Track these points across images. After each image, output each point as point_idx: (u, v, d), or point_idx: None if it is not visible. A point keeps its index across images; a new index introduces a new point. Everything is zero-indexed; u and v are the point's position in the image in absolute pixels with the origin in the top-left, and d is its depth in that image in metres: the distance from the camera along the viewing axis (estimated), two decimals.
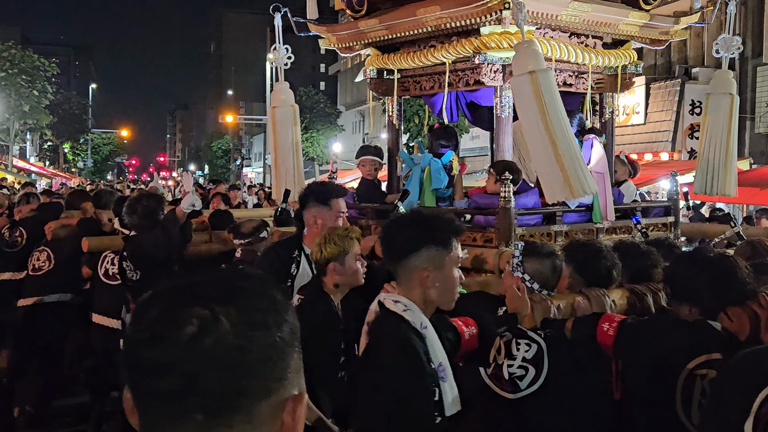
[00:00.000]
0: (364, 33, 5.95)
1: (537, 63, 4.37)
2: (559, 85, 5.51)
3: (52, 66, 40.07)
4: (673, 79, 23.49)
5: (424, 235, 2.68)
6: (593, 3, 5.35)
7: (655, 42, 6.03)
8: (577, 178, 4.31)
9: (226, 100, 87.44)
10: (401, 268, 2.72)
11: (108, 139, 68.96)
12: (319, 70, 71.68)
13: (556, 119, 4.32)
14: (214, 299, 1.13)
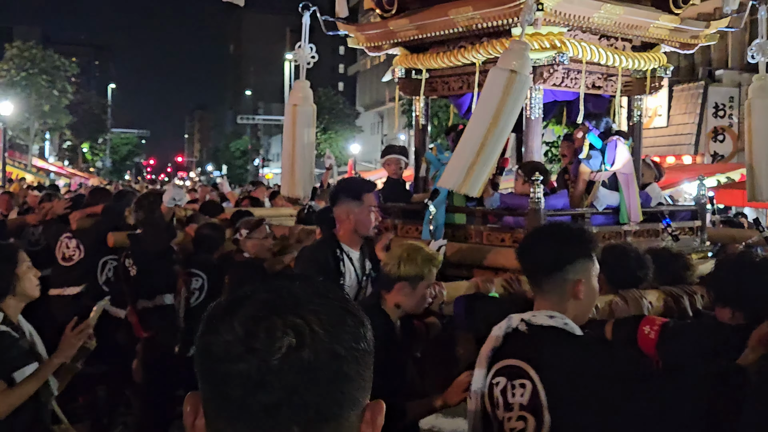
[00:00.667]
0: (393, 32, 5.94)
1: (522, 66, 4.40)
2: (588, 87, 5.56)
3: (73, 66, 40.35)
4: (696, 82, 23.20)
5: (579, 246, 2.62)
6: (624, 5, 5.36)
7: (684, 46, 6.01)
8: (473, 179, 4.39)
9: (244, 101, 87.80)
10: (551, 281, 2.57)
11: (127, 139, 69.40)
12: (338, 71, 71.69)
13: (503, 125, 4.36)
14: (302, 308, 1.09)
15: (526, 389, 2.40)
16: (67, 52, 50.55)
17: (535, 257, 2.65)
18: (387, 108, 49.02)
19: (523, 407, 2.40)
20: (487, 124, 4.34)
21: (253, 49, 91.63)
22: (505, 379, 2.46)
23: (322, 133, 45.06)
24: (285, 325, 1.06)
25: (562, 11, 5.01)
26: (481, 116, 4.42)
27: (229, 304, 1.12)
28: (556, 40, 5.15)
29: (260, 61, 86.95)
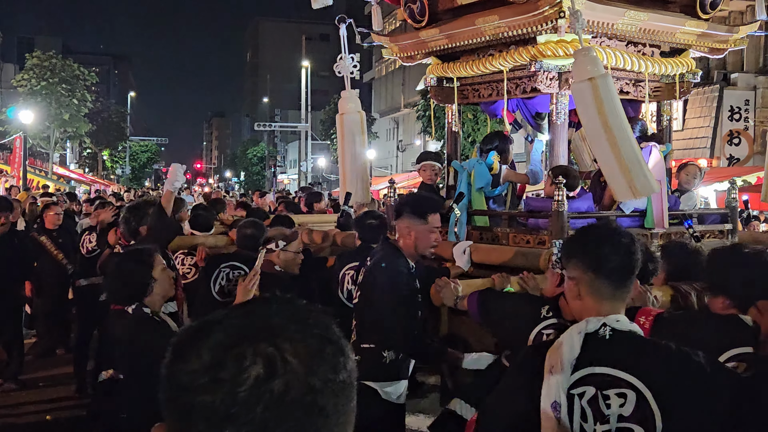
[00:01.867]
0: (425, 42, 6.07)
1: (596, 69, 4.44)
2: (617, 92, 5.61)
3: (92, 75, 40.69)
4: (711, 85, 23.15)
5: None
6: (649, 12, 5.41)
7: (714, 51, 6.05)
8: (639, 179, 4.39)
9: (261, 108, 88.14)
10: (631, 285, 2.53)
11: (146, 147, 69.85)
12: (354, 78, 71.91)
13: (617, 123, 4.39)
14: (276, 335, 1.01)
15: (627, 399, 2.25)
16: (87, 61, 51.02)
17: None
18: (402, 114, 49.13)
19: (625, 418, 2.25)
20: (605, 134, 4.38)
21: (270, 57, 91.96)
22: (594, 389, 2.29)
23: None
24: (255, 354, 0.98)
25: (587, 18, 5.03)
26: (595, 132, 4.47)
27: (198, 329, 1.05)
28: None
29: (277, 68, 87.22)
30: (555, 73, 5.40)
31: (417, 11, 6.00)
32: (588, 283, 2.43)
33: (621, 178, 4.45)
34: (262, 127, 55.28)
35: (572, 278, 2.48)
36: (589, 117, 4.51)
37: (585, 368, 2.29)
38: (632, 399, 2.24)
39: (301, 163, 48.23)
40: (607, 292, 2.42)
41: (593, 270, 2.42)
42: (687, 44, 5.83)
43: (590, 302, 2.42)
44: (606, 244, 2.47)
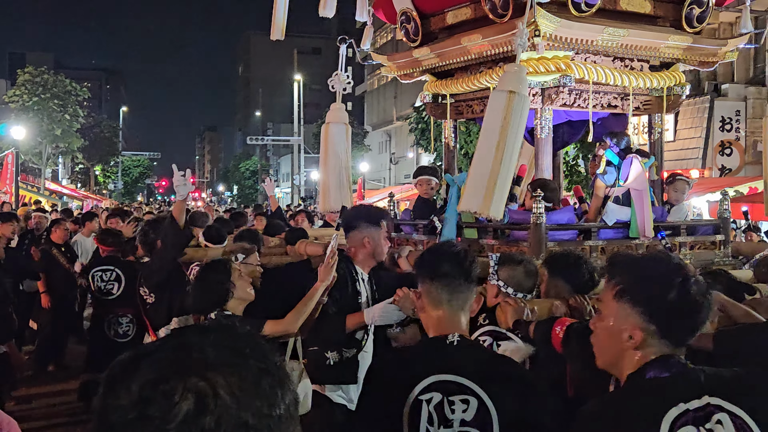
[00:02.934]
0: (419, 61, 6.28)
1: (518, 86, 4.55)
2: (604, 106, 5.78)
3: (84, 90, 40.70)
4: (702, 96, 23.28)
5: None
6: (631, 28, 5.47)
7: (703, 64, 6.11)
8: (494, 200, 4.49)
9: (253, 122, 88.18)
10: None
11: (138, 161, 69.81)
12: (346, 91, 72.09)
13: (511, 141, 4.49)
14: (210, 368, 0.97)
15: (470, 405, 2.42)
16: (79, 76, 50.95)
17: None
18: (395, 127, 49.26)
19: (467, 423, 2.39)
20: (495, 145, 4.48)
21: (262, 71, 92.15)
22: (440, 395, 2.46)
23: None
24: (185, 389, 0.94)
25: (563, 36, 5.18)
26: (488, 138, 4.56)
27: (130, 361, 1.00)
28: (561, 63, 5.35)
29: (269, 82, 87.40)
30: (537, 89, 5.52)
31: (411, 31, 6.20)
32: (426, 291, 2.61)
33: (480, 190, 4.51)
34: (255, 140, 55.34)
35: (419, 293, 2.66)
36: (490, 123, 4.58)
37: (434, 375, 2.42)
38: (474, 405, 2.36)
39: (294, 177, 48.25)
40: (443, 298, 2.60)
41: (429, 278, 2.61)
42: (674, 58, 5.89)
43: (430, 310, 2.60)
44: (439, 255, 2.69)
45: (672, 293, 2.06)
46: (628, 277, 2.13)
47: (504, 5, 5.14)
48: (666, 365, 2.13)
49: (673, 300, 2.06)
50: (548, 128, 5.63)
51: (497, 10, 5.22)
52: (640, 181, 5.46)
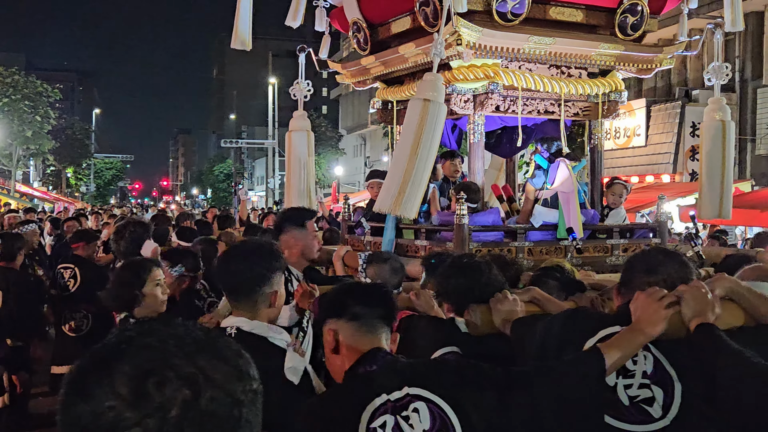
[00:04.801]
0: (367, 69, 6.53)
1: (434, 95, 4.70)
2: (540, 112, 5.95)
3: (55, 92, 40.29)
4: (673, 101, 23.55)
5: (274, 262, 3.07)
6: (558, 36, 5.61)
7: (641, 71, 6.21)
8: (405, 201, 4.65)
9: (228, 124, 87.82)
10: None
11: (111, 164, 69.22)
12: (321, 94, 72.00)
13: (425, 146, 4.64)
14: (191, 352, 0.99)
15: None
16: (51, 78, 50.50)
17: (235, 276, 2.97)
18: (369, 131, 49.28)
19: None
20: (410, 149, 4.64)
21: (237, 74, 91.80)
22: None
23: None
24: (176, 377, 0.95)
25: (488, 45, 5.34)
26: (405, 143, 4.73)
27: (97, 364, 0.98)
28: (489, 70, 5.51)
29: (243, 85, 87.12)
30: (469, 95, 5.71)
31: (362, 40, 6.40)
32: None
33: (394, 191, 4.69)
34: (229, 143, 55.03)
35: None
36: (407, 129, 4.75)
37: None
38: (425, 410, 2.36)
39: (269, 180, 48.07)
40: (232, 303, 2.97)
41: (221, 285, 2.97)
42: (609, 65, 5.99)
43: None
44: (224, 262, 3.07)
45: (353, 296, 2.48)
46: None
47: (434, 16, 5.28)
48: (374, 359, 2.37)
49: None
50: (480, 133, 5.82)
51: (429, 20, 5.38)
52: (567, 185, 5.67)
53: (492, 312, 3.07)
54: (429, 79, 4.79)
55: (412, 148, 4.63)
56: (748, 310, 2.72)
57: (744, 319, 2.70)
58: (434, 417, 2.27)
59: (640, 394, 2.55)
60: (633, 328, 2.53)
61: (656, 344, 2.57)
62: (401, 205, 4.66)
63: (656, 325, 2.51)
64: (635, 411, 2.56)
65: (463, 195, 5.32)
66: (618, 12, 5.82)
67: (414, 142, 4.64)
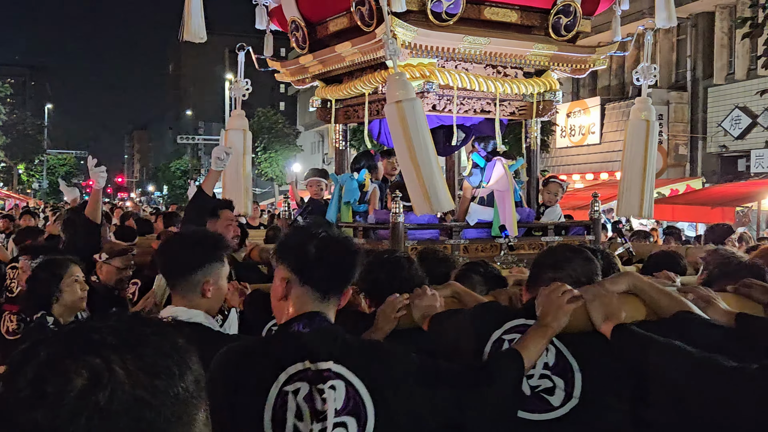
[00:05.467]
0: (305, 68, 6.55)
1: (404, 93, 4.76)
2: (476, 111, 6.04)
3: (6, 86, 39.62)
4: (626, 100, 23.92)
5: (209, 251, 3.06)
6: (493, 36, 5.69)
7: (575, 71, 6.33)
8: (434, 196, 4.75)
9: (184, 120, 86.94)
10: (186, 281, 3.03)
11: (64, 160, 68.05)
12: (279, 91, 71.60)
13: (420, 143, 4.71)
14: (107, 346, 0.98)
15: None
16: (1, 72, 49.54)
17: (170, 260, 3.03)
18: (327, 127, 49.04)
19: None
20: (408, 154, 4.73)
21: (193, 69, 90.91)
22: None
23: (262, 152, 44.91)
24: (80, 366, 0.94)
25: (424, 44, 5.41)
26: (401, 151, 4.82)
27: (30, 345, 1.01)
28: (425, 70, 5.56)
29: (200, 81, 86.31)
30: None
31: (300, 39, 6.41)
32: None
33: (420, 194, 4.77)
34: (185, 139, 54.60)
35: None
36: (396, 136, 4.82)
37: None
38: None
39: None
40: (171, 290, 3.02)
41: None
42: (543, 65, 6.10)
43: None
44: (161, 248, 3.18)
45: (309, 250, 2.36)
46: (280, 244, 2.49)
47: (370, 15, 5.32)
48: (312, 321, 2.35)
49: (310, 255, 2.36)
50: None
51: (365, 20, 5.41)
52: (502, 183, 5.79)
53: (411, 307, 3.10)
54: (393, 80, 4.85)
55: (410, 151, 4.70)
56: (649, 304, 2.81)
57: (645, 314, 2.79)
58: (348, 399, 2.25)
59: (541, 384, 2.66)
60: (539, 324, 2.64)
61: (559, 336, 2.67)
62: (432, 201, 4.75)
63: (559, 319, 2.62)
64: (536, 400, 2.65)
65: (398, 193, 5.39)
66: (552, 13, 5.89)
67: (408, 145, 4.70)
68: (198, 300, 2.91)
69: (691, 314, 2.71)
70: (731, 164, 23.30)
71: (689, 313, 2.71)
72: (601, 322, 2.64)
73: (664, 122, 24.73)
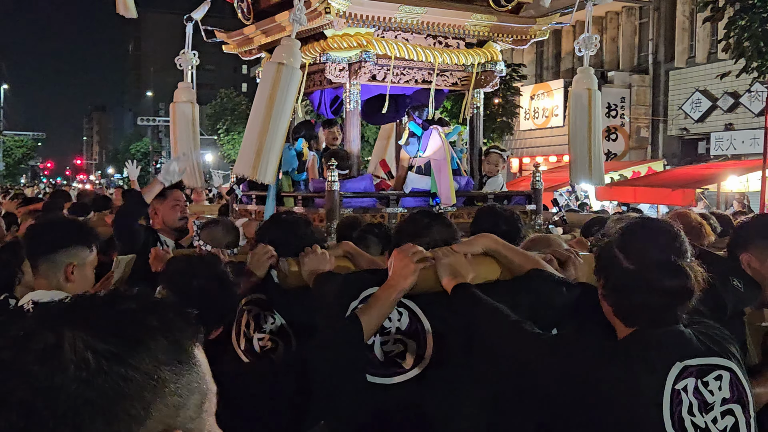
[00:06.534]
0: (250, 39, 6.54)
1: (288, 58, 4.82)
2: (417, 81, 6.09)
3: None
4: None
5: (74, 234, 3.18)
6: (429, 6, 5.78)
7: (517, 42, 6.41)
8: (262, 165, 4.79)
9: (144, 102, 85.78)
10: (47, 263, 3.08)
11: (21, 142, 66.80)
12: (241, 72, 70.96)
13: (277, 112, 4.77)
14: (69, 323, 0.96)
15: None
16: None
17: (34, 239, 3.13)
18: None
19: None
20: (264, 112, 4.75)
21: (153, 49, 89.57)
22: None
23: (224, 134, 44.49)
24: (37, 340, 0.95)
25: (359, 14, 5.47)
26: (259, 106, 4.82)
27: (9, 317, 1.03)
28: (362, 39, 5.57)
29: (160, 61, 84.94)
30: (345, 64, 5.79)
31: (245, 10, 6.45)
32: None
33: (250, 155, 4.81)
34: (146, 121, 53.85)
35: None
36: (261, 94, 4.85)
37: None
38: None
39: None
40: (33, 271, 3.08)
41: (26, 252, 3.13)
42: (484, 36, 6.17)
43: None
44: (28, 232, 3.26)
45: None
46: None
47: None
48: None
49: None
50: (356, 102, 5.94)
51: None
52: (439, 153, 5.88)
53: (300, 265, 3.18)
54: (285, 43, 4.88)
55: (266, 112, 4.72)
56: (504, 264, 2.90)
57: (499, 273, 2.90)
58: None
59: (394, 349, 2.72)
60: (386, 285, 2.70)
61: (414, 299, 2.74)
62: (258, 169, 4.77)
63: (406, 278, 2.67)
64: (390, 365, 2.70)
65: (333, 162, 5.47)
66: None
67: (267, 105, 4.72)
68: (61, 282, 2.97)
69: (542, 272, 2.81)
70: (692, 147, 23.57)
71: (540, 271, 2.80)
72: (446, 280, 2.71)
73: (626, 105, 24.91)
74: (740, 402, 2.22)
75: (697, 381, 2.17)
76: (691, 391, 2.16)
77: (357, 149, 6.10)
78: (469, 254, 2.83)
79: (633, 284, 2.24)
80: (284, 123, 4.82)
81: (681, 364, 2.17)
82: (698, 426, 2.14)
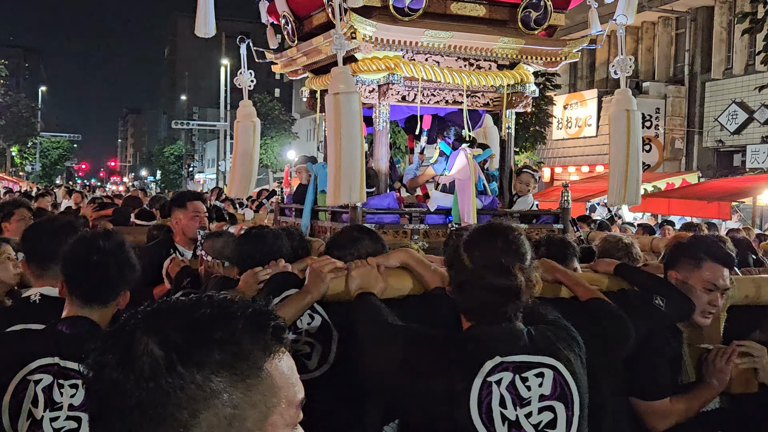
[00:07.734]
0: (293, 60, 6.80)
1: (343, 87, 4.97)
2: (448, 102, 6.28)
3: (0, 68, 39.24)
4: None
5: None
6: (456, 30, 5.88)
7: (548, 63, 6.48)
8: (345, 188, 4.92)
9: (179, 105, 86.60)
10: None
11: (58, 143, 67.76)
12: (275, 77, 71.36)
13: (347, 137, 4.90)
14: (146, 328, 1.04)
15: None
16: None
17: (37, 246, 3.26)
18: (322, 114, 48.98)
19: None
20: (335, 143, 4.92)
21: (189, 54, 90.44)
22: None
23: None
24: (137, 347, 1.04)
25: (385, 38, 5.63)
26: (330, 139, 5.03)
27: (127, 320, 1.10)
28: (390, 62, 5.81)
29: (195, 65, 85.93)
30: (374, 86, 6.02)
31: (290, 32, 6.67)
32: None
33: (333, 183, 4.96)
34: (180, 125, 54.32)
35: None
36: (329, 125, 5.07)
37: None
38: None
39: (220, 163, 47.54)
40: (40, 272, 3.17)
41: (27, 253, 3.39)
42: (513, 58, 6.26)
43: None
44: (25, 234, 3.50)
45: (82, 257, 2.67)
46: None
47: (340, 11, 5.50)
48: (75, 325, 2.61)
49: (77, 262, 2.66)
50: (385, 121, 6.14)
51: (335, 14, 5.52)
52: (463, 173, 5.97)
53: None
54: (336, 73, 5.05)
55: (336, 141, 4.90)
56: (417, 278, 3.15)
57: (411, 287, 3.14)
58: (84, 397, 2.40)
59: (302, 349, 2.97)
60: (301, 291, 2.98)
61: (325, 306, 3.04)
62: (347, 192, 4.93)
63: (318, 286, 2.96)
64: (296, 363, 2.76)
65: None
66: (520, 7, 6.05)
67: (336, 135, 4.89)
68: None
69: (442, 289, 2.92)
70: (727, 159, 23.27)
71: (441, 289, 2.94)
72: (354, 290, 2.96)
73: (661, 116, 24.66)
74: (562, 400, 2.37)
75: (514, 376, 2.35)
76: (505, 385, 2.33)
77: (385, 167, 6.26)
78: (383, 267, 3.08)
79: (471, 282, 2.46)
80: (356, 145, 4.98)
81: (500, 359, 2.34)
82: (507, 418, 2.31)
